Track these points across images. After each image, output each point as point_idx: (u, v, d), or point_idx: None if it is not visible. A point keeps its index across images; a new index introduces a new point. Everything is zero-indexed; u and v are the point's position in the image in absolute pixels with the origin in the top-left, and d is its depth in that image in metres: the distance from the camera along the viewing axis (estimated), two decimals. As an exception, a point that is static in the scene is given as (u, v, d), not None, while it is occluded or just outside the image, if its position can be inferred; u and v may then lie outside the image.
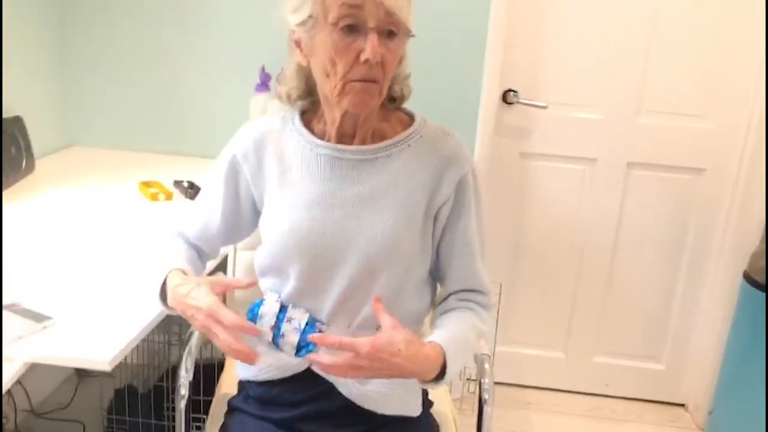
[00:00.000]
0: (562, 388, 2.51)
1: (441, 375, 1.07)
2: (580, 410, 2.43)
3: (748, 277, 2.02)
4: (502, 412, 2.36)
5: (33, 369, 2.10)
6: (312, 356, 1.01)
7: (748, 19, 2.08)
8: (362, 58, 1.03)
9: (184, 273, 1.15)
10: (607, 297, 2.40)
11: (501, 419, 2.32)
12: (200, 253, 1.29)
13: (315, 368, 1.16)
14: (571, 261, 2.37)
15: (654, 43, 2.14)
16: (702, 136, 2.21)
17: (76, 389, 2.26)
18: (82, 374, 2.37)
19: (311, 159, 1.16)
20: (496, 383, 2.40)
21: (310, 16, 1.07)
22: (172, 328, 2.19)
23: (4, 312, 1.17)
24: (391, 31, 1.05)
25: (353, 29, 1.04)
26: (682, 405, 2.47)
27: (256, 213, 1.23)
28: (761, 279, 1.96)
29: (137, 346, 2.07)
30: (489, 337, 1.33)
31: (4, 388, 1.03)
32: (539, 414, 2.40)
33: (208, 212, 1.25)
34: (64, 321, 1.17)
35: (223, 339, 1.02)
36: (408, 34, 1.09)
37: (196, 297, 1.06)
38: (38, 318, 1.16)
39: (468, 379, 2.18)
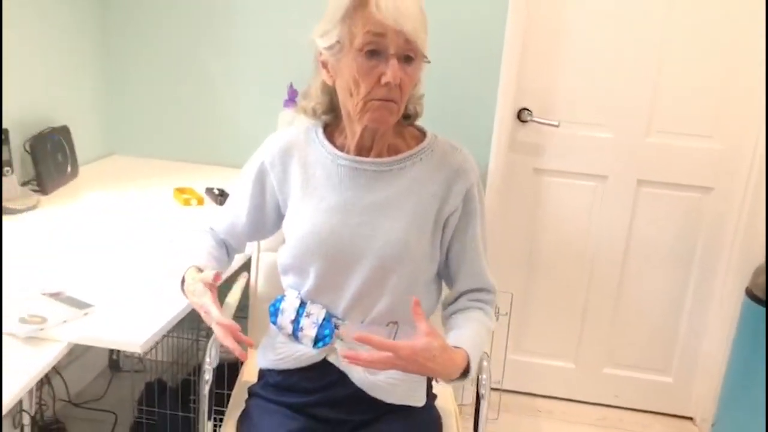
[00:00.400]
0: (572, 398, 2.57)
1: (464, 374, 1.17)
2: (589, 419, 2.49)
3: (749, 292, 2.08)
4: (512, 419, 2.44)
5: (71, 362, 2.25)
6: (350, 353, 1.08)
7: (755, 42, 2.15)
8: (383, 80, 1.16)
9: (199, 269, 1.28)
10: (616, 310, 2.46)
11: (511, 426, 2.40)
12: (228, 247, 1.43)
13: (330, 359, 1.29)
14: (582, 274, 2.45)
15: (663, 65, 2.21)
16: (710, 156, 2.28)
17: (109, 383, 2.41)
18: (114, 369, 2.52)
19: (332, 169, 1.29)
20: (508, 391, 2.51)
21: (338, 41, 1.20)
22: (200, 326, 2.32)
23: (50, 299, 1.31)
24: (409, 56, 1.18)
25: (375, 54, 1.16)
26: (690, 418, 2.51)
27: (279, 215, 1.36)
28: (762, 294, 2.02)
29: (167, 343, 2.23)
30: (500, 344, 1.43)
31: (50, 366, 1.17)
32: (549, 422, 2.46)
33: (235, 211, 1.39)
34: (104, 309, 1.30)
35: (216, 334, 1.14)
36: (424, 59, 1.21)
37: (199, 294, 1.20)
38: (81, 305, 1.30)
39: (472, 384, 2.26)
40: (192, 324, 2.21)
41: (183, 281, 1.29)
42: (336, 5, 1.19)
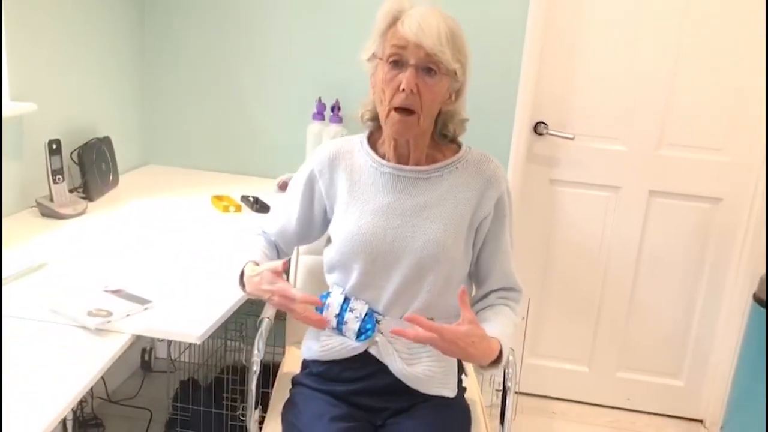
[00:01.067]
0: (586, 401, 2.66)
1: (496, 362, 1.28)
2: (602, 422, 2.58)
3: (757, 298, 2.17)
4: (527, 420, 2.53)
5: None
6: (397, 329, 1.19)
7: (763, 60, 2.25)
8: (400, 87, 1.29)
9: (257, 264, 1.39)
10: (629, 315, 2.55)
11: (526, 427, 2.48)
12: (278, 249, 1.54)
13: (371, 351, 1.40)
14: (596, 281, 2.54)
15: (675, 81, 2.32)
16: (719, 169, 2.37)
17: (142, 382, 2.52)
18: (146, 369, 2.63)
19: (377, 176, 1.40)
20: (524, 393, 2.60)
21: (374, 54, 1.35)
22: (229, 333, 2.43)
23: (111, 295, 1.42)
24: (431, 68, 1.30)
25: (398, 64, 1.31)
26: (701, 421, 2.59)
27: (325, 220, 1.48)
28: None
29: (199, 346, 2.33)
30: (516, 348, 1.53)
31: (118, 355, 1.27)
32: (563, 423, 2.55)
33: (287, 216, 1.50)
34: (161, 305, 1.41)
35: (298, 311, 1.28)
36: (450, 74, 1.32)
37: (268, 281, 1.31)
38: (141, 301, 1.41)
39: (497, 390, 2.35)
40: (221, 326, 2.32)
41: (242, 276, 1.40)
42: (376, 25, 1.35)
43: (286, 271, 1.41)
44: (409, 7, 1.32)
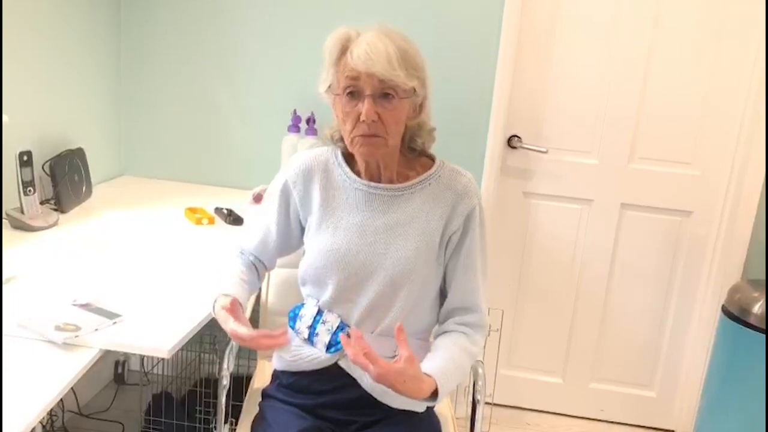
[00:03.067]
0: (560, 411, 2.68)
1: (432, 397, 1.27)
2: (576, 432, 2.62)
3: (725, 310, 2.21)
4: (502, 431, 2.55)
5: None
6: (345, 341, 1.19)
7: (732, 76, 2.30)
8: (360, 119, 1.30)
9: (226, 295, 1.37)
10: (602, 327, 2.58)
11: (501, 438, 2.51)
12: (258, 268, 1.53)
13: (341, 363, 1.40)
14: (569, 292, 2.57)
15: (645, 97, 2.36)
16: (689, 182, 2.42)
17: (114, 395, 2.50)
18: (119, 382, 2.60)
19: (350, 192, 1.42)
20: (498, 405, 2.61)
21: (330, 86, 1.36)
22: (202, 341, 2.42)
23: (80, 309, 1.42)
24: (387, 93, 1.31)
25: (355, 95, 1.32)
26: (672, 431, 2.63)
27: (302, 230, 1.48)
28: (737, 312, 2.15)
29: (172, 359, 2.32)
30: (491, 359, 1.54)
31: (85, 369, 1.27)
32: (537, 434, 2.58)
33: (265, 228, 1.50)
34: (130, 319, 1.40)
35: (255, 345, 1.29)
36: (410, 95, 1.33)
37: (223, 321, 1.31)
38: (110, 315, 1.40)
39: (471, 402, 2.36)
40: (194, 339, 2.31)
41: (214, 308, 1.39)
42: (327, 55, 1.35)
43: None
44: (356, 36, 1.31)
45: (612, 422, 2.66)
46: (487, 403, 2.24)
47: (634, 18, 2.31)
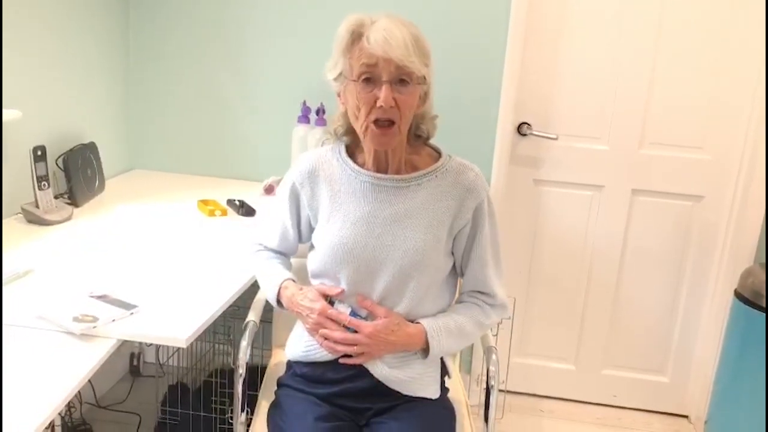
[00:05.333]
0: (573, 398, 2.69)
1: (426, 349, 1.39)
2: (589, 419, 2.60)
3: (738, 294, 2.20)
4: (515, 419, 2.54)
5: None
6: (329, 329, 1.38)
7: (741, 60, 2.29)
8: (378, 104, 1.31)
9: (294, 281, 1.48)
10: (614, 313, 2.58)
11: (515, 425, 2.50)
12: (284, 258, 1.59)
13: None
14: (581, 279, 2.57)
15: (655, 82, 2.35)
16: (700, 166, 2.41)
17: (131, 387, 2.52)
18: (135, 374, 2.63)
19: (356, 185, 1.42)
20: (512, 392, 2.62)
21: (341, 73, 1.36)
22: (217, 336, 2.43)
23: (97, 301, 1.43)
24: (404, 80, 1.32)
25: (371, 81, 1.32)
26: (685, 416, 2.63)
27: (309, 219, 1.51)
28: (749, 296, 2.14)
29: (187, 350, 2.34)
30: (503, 347, 1.60)
31: (103, 360, 1.28)
32: (550, 421, 2.57)
33: (281, 224, 1.53)
34: (147, 309, 1.42)
35: (335, 334, 1.39)
36: (421, 82, 1.34)
37: (310, 300, 1.40)
38: (127, 306, 1.42)
39: (484, 389, 2.37)
40: (208, 330, 2.33)
41: (279, 293, 1.48)
42: (337, 42, 1.36)
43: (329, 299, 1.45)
44: (370, 22, 1.32)
45: (625, 408, 2.66)
46: (500, 391, 2.26)
47: (644, 2, 2.29)
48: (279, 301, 1.50)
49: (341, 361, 1.38)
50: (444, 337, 1.39)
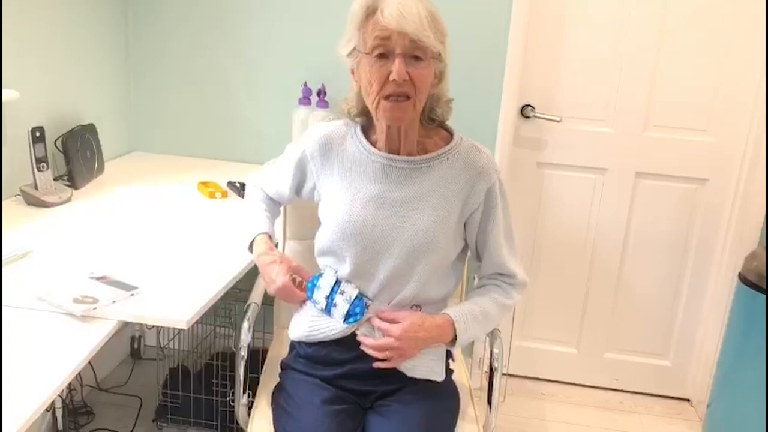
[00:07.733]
0: (575, 382, 2.69)
1: (454, 340, 1.37)
2: (591, 402, 2.60)
3: (742, 277, 2.19)
4: (518, 402, 2.55)
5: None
6: (362, 338, 1.38)
7: (746, 42, 2.27)
8: (391, 78, 1.29)
9: (270, 237, 1.48)
10: (616, 297, 2.58)
11: (517, 408, 2.51)
12: (275, 203, 1.61)
13: (358, 334, 1.41)
14: (584, 263, 2.56)
15: (660, 64, 2.32)
16: (705, 149, 2.39)
17: (132, 370, 2.52)
18: (135, 357, 2.63)
19: (368, 164, 1.41)
20: (514, 375, 2.61)
21: (354, 48, 1.34)
22: (217, 319, 2.43)
23: (97, 282, 1.42)
24: (417, 56, 1.30)
25: (384, 56, 1.30)
26: (687, 400, 2.63)
27: (313, 189, 1.50)
28: (754, 279, 2.13)
29: (187, 333, 2.33)
30: (505, 330, 1.61)
31: (104, 341, 1.27)
32: (553, 404, 2.58)
33: (280, 183, 1.54)
34: (147, 291, 1.41)
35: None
36: (436, 57, 1.32)
37: (276, 272, 1.41)
38: (127, 287, 1.40)
39: (486, 372, 2.37)
40: (209, 312, 2.32)
41: (252, 245, 1.49)
42: (351, 17, 1.34)
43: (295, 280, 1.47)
44: None
45: (627, 392, 2.67)
46: (502, 374, 2.26)
47: (648, -17, 2.27)
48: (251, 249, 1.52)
49: (375, 365, 1.37)
50: (471, 323, 1.38)
